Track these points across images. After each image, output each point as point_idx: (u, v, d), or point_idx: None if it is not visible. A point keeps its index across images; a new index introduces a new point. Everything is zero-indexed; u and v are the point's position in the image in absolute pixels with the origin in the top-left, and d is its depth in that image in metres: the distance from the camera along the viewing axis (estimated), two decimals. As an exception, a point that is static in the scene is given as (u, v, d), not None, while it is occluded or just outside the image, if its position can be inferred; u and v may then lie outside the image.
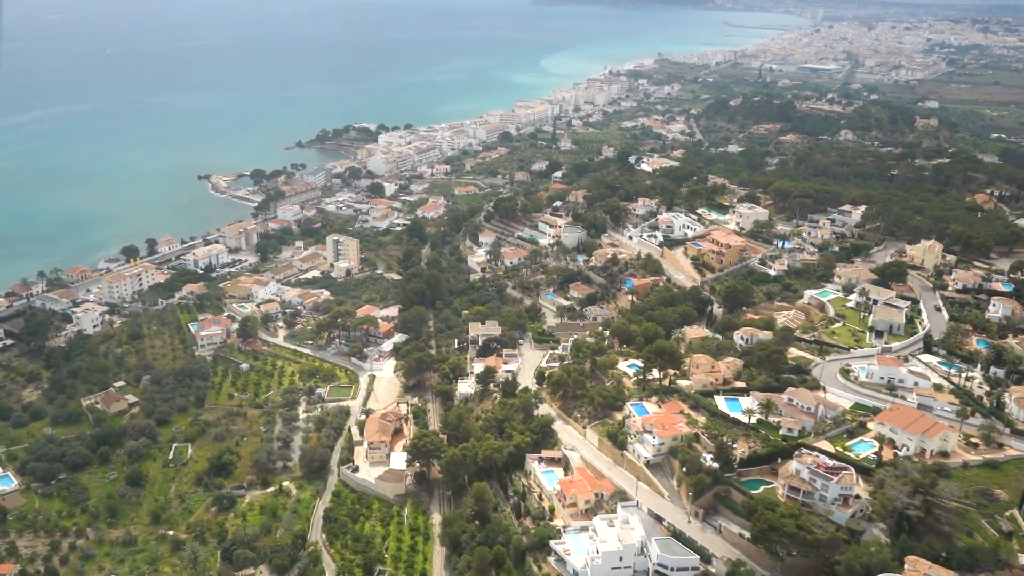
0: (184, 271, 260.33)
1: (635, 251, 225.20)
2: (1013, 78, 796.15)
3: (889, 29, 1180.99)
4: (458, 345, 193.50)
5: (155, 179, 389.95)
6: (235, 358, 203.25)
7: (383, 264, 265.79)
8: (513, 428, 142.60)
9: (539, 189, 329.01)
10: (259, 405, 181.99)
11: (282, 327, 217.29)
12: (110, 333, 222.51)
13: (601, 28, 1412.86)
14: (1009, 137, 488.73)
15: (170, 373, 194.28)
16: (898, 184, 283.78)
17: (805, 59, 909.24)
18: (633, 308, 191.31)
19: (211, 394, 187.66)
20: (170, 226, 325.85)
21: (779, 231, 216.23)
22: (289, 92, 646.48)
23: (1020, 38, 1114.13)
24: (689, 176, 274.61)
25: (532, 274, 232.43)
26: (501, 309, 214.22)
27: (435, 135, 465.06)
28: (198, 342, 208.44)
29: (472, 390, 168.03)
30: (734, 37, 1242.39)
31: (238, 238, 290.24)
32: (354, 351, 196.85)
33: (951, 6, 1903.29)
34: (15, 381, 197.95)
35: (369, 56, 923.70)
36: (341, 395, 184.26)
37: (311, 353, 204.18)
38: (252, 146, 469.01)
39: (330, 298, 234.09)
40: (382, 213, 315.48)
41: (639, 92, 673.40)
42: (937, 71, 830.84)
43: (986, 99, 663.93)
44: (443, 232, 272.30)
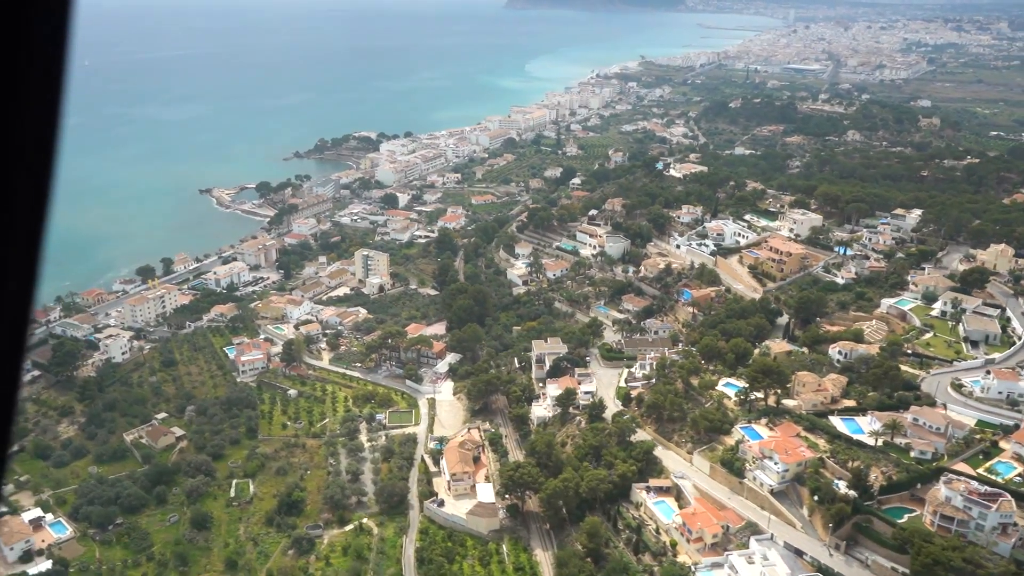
0: (208, 292, 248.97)
1: (686, 261, 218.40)
2: (994, 76, 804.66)
3: (865, 29, 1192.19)
4: (519, 364, 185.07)
5: (155, 195, 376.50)
6: (281, 384, 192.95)
7: (415, 279, 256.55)
8: (613, 456, 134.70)
9: (562, 196, 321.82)
10: (317, 435, 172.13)
11: (325, 349, 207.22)
12: (140, 360, 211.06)
13: (578, 32, 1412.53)
14: (1008, 135, 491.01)
15: (215, 403, 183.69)
16: (930, 185, 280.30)
17: (788, 60, 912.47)
18: (703, 322, 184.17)
19: (263, 424, 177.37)
20: (178, 243, 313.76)
21: (837, 237, 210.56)
22: (277, 101, 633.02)
23: (993, 36, 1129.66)
24: (724, 182, 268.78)
25: (578, 286, 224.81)
26: (553, 324, 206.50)
27: (438, 143, 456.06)
28: (239, 368, 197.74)
29: (549, 414, 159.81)
30: (710, 39, 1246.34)
31: (257, 255, 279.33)
32: (409, 373, 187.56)
33: (919, 5, 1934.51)
34: (48, 416, 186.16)
35: (351, 63, 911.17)
36: (402, 421, 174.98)
37: (361, 376, 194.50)
38: (248, 158, 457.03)
39: (368, 316, 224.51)
40: (402, 225, 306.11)
41: (631, 95, 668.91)
42: (920, 70, 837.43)
43: (974, 97, 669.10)
44: (475, 244, 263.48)
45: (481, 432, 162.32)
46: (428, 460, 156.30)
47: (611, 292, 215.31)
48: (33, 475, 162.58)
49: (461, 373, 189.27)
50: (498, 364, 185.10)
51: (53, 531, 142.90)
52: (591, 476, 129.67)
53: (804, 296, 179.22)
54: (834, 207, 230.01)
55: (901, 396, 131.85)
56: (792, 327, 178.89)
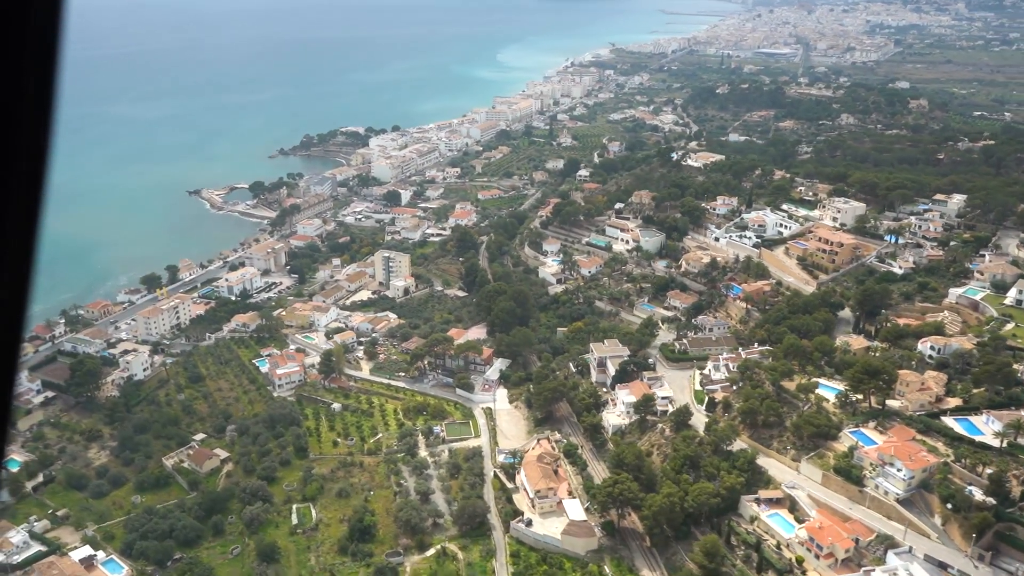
0: (224, 300, 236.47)
1: (728, 254, 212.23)
2: (962, 56, 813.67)
3: (828, 12, 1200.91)
4: (576, 368, 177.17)
5: (142, 197, 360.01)
6: (322, 398, 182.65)
7: (438, 280, 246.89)
8: (713, 467, 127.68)
9: (572, 189, 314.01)
10: (372, 451, 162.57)
11: (363, 358, 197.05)
12: (164, 377, 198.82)
13: (541, 20, 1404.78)
14: (992, 114, 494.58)
15: (257, 421, 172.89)
16: (949, 168, 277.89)
17: (757, 44, 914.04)
18: (766, 317, 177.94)
19: (312, 442, 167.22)
20: (175, 249, 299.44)
21: (886, 226, 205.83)
22: (251, 97, 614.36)
23: (953, 17, 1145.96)
24: (748, 170, 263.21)
25: (616, 283, 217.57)
26: (599, 324, 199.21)
27: (428, 136, 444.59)
28: (275, 382, 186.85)
29: (625, 421, 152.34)
30: (676, 24, 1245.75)
31: (267, 259, 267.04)
32: (461, 382, 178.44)
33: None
34: (74, 441, 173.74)
35: (317, 56, 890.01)
36: (461, 433, 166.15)
37: (406, 386, 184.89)
38: (232, 156, 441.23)
39: (400, 322, 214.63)
40: (412, 223, 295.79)
41: (610, 83, 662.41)
42: (888, 52, 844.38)
43: (947, 78, 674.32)
44: (497, 241, 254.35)
45: (553, 443, 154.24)
46: (502, 475, 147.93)
47: (654, 289, 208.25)
48: (71, 508, 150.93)
49: (514, 380, 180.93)
50: (552, 369, 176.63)
51: (108, 571, 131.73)
52: (697, 490, 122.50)
53: (868, 288, 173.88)
54: (871, 194, 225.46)
55: (1011, 393, 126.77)
56: (861, 321, 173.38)
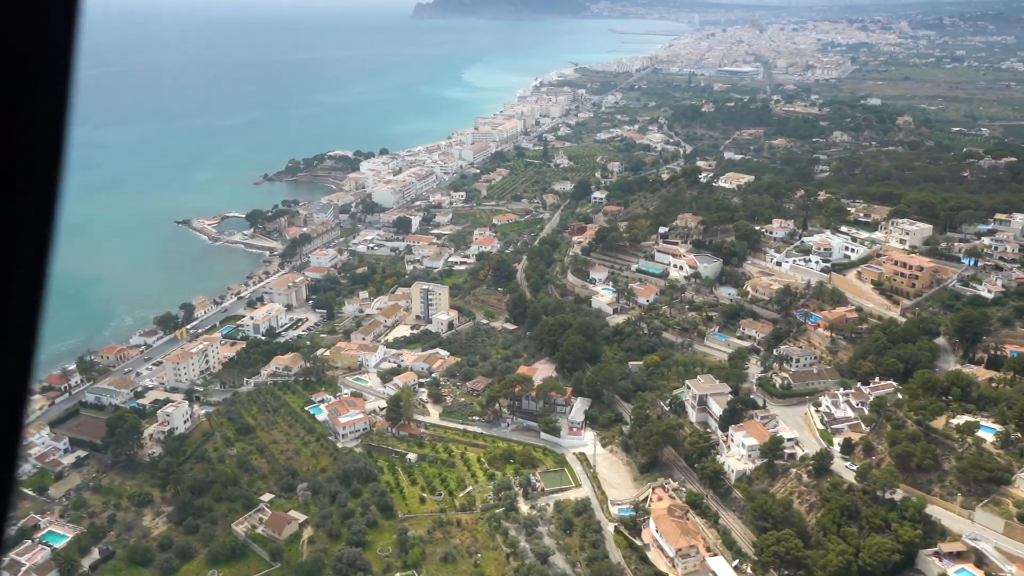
0: (255, 341, 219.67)
1: (797, 280, 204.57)
2: (917, 73, 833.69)
3: (779, 31, 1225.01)
4: (669, 407, 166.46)
5: (129, 229, 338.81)
6: (394, 447, 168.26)
7: (480, 312, 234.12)
8: (880, 518, 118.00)
9: (593, 212, 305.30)
10: (466, 507, 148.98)
11: (427, 401, 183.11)
12: (207, 430, 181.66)
13: (496, 40, 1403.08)
14: (969, 130, 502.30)
15: (329, 477, 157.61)
16: (976, 185, 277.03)
17: (718, 62, 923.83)
18: (863, 347, 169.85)
19: (396, 499, 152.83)
20: (175, 284, 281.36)
21: (956, 248, 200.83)
22: (221, 121, 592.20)
23: (899, 35, 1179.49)
24: (788, 191, 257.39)
25: (678, 312, 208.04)
26: (673, 356, 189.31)
27: (422, 159, 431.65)
28: (338, 431, 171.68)
29: (748, 467, 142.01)
30: (631, 44, 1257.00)
31: (288, 293, 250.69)
32: (547, 425, 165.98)
33: (809, 7, 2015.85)
34: (123, 508, 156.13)
35: (279, 78, 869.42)
36: (559, 483, 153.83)
37: (482, 432, 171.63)
38: (214, 183, 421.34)
39: (456, 359, 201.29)
40: (434, 251, 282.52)
41: (586, 103, 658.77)
42: (847, 70, 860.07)
43: (911, 94, 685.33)
44: (539, 270, 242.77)
45: (671, 493, 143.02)
46: (624, 531, 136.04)
47: (724, 318, 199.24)
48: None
49: (602, 421, 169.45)
50: (643, 408, 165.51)
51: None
52: (872, 546, 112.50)
53: (966, 314, 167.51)
54: (927, 215, 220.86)
55: None
56: (958, 349, 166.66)
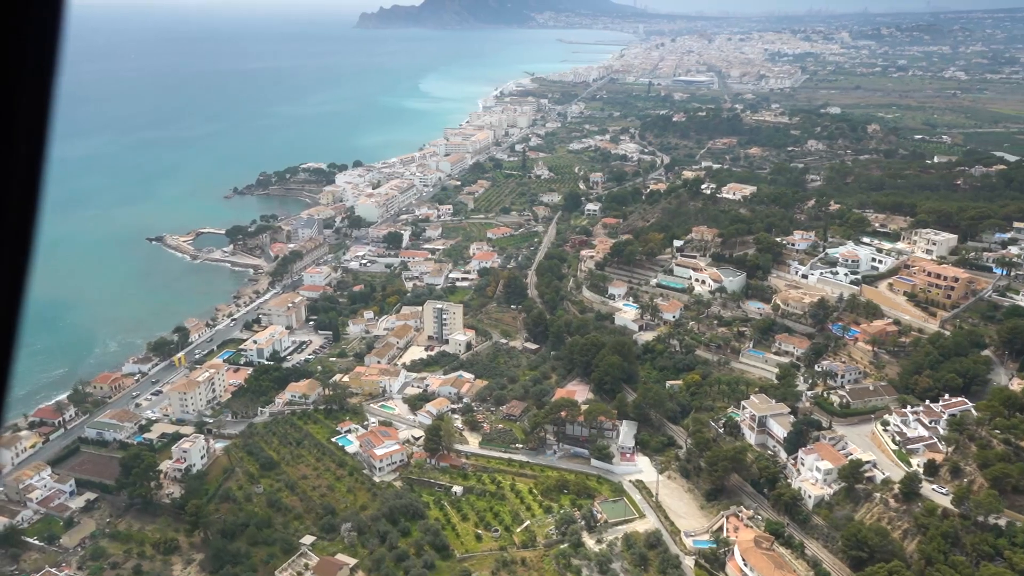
0: (263, 367, 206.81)
1: (828, 292, 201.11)
2: (866, 82, 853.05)
3: (727, 41, 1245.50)
4: (724, 428, 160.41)
5: (98, 247, 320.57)
6: (436, 480, 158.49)
7: (496, 331, 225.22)
8: (990, 545, 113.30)
9: (592, 224, 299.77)
10: (526, 544, 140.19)
11: (463, 428, 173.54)
12: (227, 465, 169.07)
13: (446, 50, 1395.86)
14: (931, 137, 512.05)
15: (374, 515, 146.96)
16: (971, 194, 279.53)
17: (672, 72, 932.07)
18: (912, 361, 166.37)
19: (450, 537, 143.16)
20: (157, 305, 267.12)
21: (985, 257, 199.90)
22: (180, 133, 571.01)
23: (841, 45, 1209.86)
24: (797, 202, 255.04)
25: (706, 328, 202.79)
26: (712, 375, 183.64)
27: (400, 171, 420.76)
28: (374, 465, 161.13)
29: (826, 492, 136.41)
30: (581, 53, 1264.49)
31: (288, 314, 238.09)
32: (601, 452, 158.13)
33: (748, 18, 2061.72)
34: (148, 557, 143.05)
35: (232, 88, 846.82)
36: (623, 514, 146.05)
37: (527, 460, 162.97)
38: (181, 197, 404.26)
39: (483, 382, 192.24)
40: (434, 268, 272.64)
41: (551, 113, 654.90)
42: (799, 79, 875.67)
43: (867, 103, 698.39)
44: (554, 285, 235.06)
45: (746, 521, 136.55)
46: (705, 565, 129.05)
47: (757, 333, 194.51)
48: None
49: (654, 446, 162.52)
50: (701, 431, 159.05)
51: None
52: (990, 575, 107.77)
53: (1013, 325, 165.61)
54: (945, 224, 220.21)
55: None
56: (1006, 361, 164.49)
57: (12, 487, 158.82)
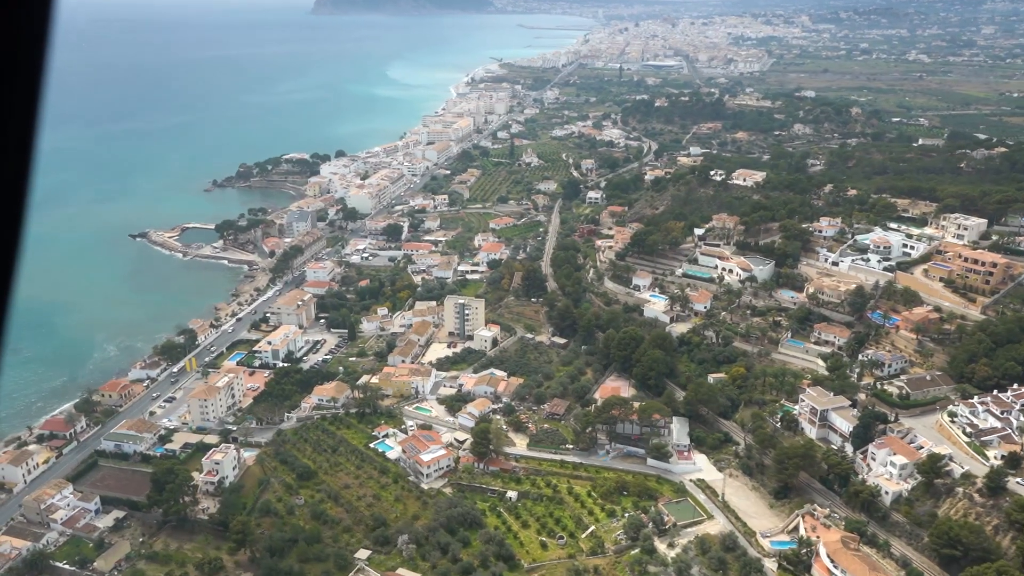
0: (282, 369, 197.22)
1: (858, 279, 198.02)
2: (833, 65, 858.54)
3: (690, 25, 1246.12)
4: (781, 423, 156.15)
5: (83, 246, 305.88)
6: (488, 485, 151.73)
7: (519, 325, 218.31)
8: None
9: (597, 213, 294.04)
10: (595, 550, 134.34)
11: (507, 430, 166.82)
12: (260, 476, 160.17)
13: (407, 36, 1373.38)
14: (908, 120, 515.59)
15: (430, 526, 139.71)
16: (976, 177, 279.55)
17: (640, 57, 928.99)
18: (962, 349, 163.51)
19: (513, 545, 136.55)
20: (150, 304, 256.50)
21: (1017, 241, 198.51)
22: (147, 124, 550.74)
23: (802, 29, 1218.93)
24: (812, 188, 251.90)
25: (739, 318, 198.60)
26: (756, 367, 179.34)
27: (385, 161, 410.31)
28: (421, 471, 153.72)
29: (902, 488, 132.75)
30: (545, 39, 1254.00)
31: (299, 312, 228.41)
32: (659, 450, 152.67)
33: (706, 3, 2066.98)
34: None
35: (195, 77, 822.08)
36: (691, 516, 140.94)
37: (580, 461, 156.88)
38: (158, 191, 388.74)
39: (518, 380, 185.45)
40: (441, 261, 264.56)
41: (527, 99, 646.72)
42: (767, 63, 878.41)
43: (838, 86, 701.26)
44: (576, 277, 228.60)
45: (822, 520, 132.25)
46: (788, 567, 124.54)
47: (795, 322, 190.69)
48: None
49: (711, 443, 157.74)
50: (763, 427, 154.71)
51: None
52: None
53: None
54: (969, 209, 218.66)
55: None
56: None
57: (33, 507, 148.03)
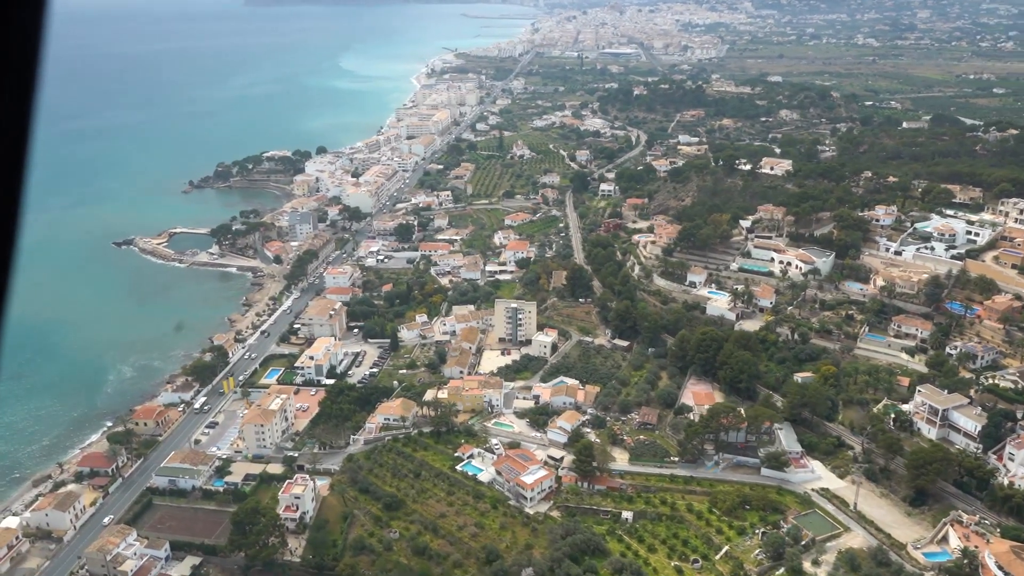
0: (336, 388, 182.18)
1: (927, 268, 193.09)
2: (788, 50, 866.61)
3: (637, 12, 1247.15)
4: (896, 423, 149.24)
5: (66, 257, 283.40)
6: (598, 506, 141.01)
7: (572, 328, 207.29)
8: None
9: (613, 207, 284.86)
10: (736, 573, 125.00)
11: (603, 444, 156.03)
12: (342, 509, 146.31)
13: (355, 28, 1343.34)
14: (882, 104, 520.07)
15: (555, 557, 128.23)
16: (996, 159, 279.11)
17: (595, 45, 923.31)
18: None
19: (647, 572, 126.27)
20: (158, 319, 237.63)
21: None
22: (102, 123, 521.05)
23: (747, 15, 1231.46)
24: (848, 176, 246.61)
25: (810, 313, 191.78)
26: (840, 366, 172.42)
27: (374, 158, 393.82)
28: (524, 494, 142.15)
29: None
30: (491, 28, 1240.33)
31: (332, 322, 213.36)
32: (777, 459, 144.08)
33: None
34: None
35: (141, 72, 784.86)
36: (827, 529, 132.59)
37: (690, 475, 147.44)
38: (135, 194, 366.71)
39: (593, 388, 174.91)
40: (469, 261, 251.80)
41: (495, 89, 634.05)
42: (723, 49, 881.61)
43: (799, 71, 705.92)
44: (621, 275, 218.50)
45: (973, 528, 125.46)
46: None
47: (872, 316, 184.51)
48: None
49: (824, 448, 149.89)
50: (884, 431, 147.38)
51: None
52: None
53: None
54: (1020, 193, 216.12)
55: None
56: None
57: (97, 560, 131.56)
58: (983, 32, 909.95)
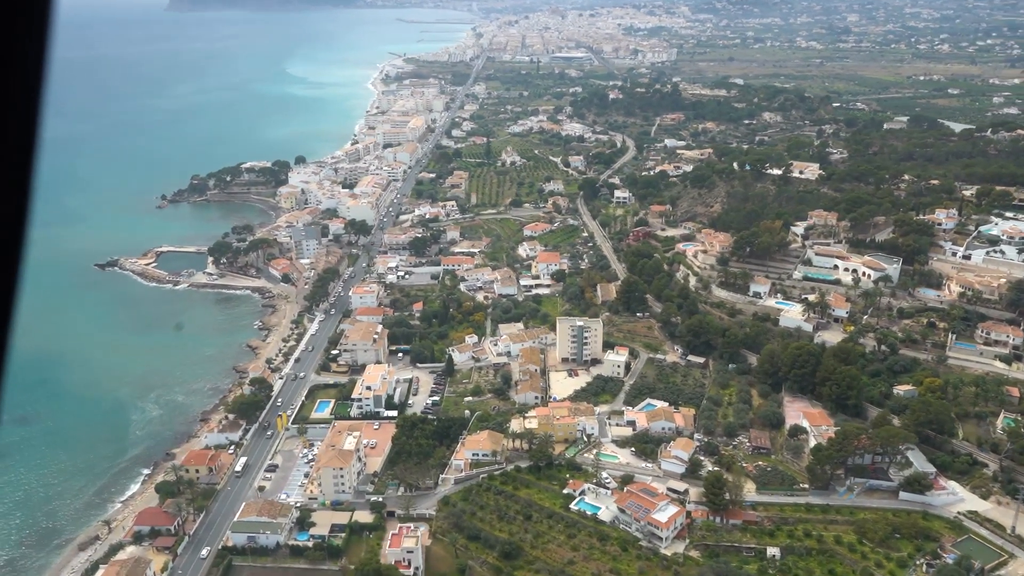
0: (407, 421, 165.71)
1: (1010, 273, 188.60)
2: (737, 54, 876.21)
3: (579, 16, 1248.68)
4: (1010, 450, 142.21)
5: (49, 281, 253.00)
6: (739, 543, 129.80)
7: (637, 344, 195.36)
8: None
9: (637, 213, 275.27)
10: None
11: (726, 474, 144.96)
12: (456, 560, 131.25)
13: (291, 33, 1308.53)
14: (849, 105, 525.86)
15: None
16: (1013, 159, 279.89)
17: (544, 50, 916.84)
18: None
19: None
20: (168, 350, 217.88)
21: None
22: (44, 134, 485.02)
23: (686, 19, 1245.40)
24: (887, 179, 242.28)
25: (889, 322, 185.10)
26: (939, 373, 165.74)
27: (361, 167, 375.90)
28: (658, 534, 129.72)
29: None
30: (431, 33, 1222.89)
31: (376, 347, 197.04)
32: (918, 483, 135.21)
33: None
34: None
35: (75, 80, 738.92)
36: (991, 557, 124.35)
37: (827, 503, 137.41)
38: (105, 212, 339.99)
39: (690, 411, 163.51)
40: (503, 275, 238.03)
41: (458, 95, 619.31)
42: (673, 53, 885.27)
43: (754, 73, 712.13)
44: (682, 288, 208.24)
45: None
46: None
47: (960, 324, 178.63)
48: None
49: (958, 467, 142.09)
50: (1021, 445, 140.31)
51: None
52: None
53: None
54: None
55: None
56: None
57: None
58: (914, 35, 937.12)
